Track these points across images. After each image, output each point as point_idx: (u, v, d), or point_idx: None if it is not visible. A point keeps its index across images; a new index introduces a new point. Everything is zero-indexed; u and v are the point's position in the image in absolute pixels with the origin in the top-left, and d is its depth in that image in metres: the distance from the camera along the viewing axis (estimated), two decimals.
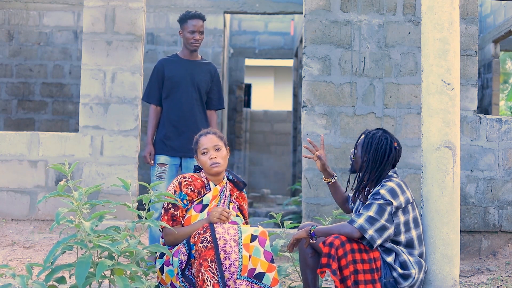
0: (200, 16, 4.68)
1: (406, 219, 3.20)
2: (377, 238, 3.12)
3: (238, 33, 12.49)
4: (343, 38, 5.42)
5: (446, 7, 3.39)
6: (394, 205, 3.14)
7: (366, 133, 3.38)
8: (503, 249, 5.36)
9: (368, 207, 3.16)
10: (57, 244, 2.85)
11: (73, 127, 9.39)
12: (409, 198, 3.21)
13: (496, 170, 5.38)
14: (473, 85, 5.41)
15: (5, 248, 5.05)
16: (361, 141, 3.38)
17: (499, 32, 9.31)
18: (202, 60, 4.81)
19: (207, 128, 3.62)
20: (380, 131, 3.36)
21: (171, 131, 4.61)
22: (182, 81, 4.64)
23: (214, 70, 4.81)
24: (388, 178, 3.28)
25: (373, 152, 3.29)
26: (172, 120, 4.63)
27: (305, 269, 3.41)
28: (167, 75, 4.66)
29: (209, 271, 3.03)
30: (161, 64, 4.72)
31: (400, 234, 3.20)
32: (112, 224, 4.51)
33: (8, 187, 5.73)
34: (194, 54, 4.74)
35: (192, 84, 4.66)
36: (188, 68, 4.68)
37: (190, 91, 4.65)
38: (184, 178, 3.40)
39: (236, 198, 3.53)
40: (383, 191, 3.17)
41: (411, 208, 3.23)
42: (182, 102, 4.63)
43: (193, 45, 4.66)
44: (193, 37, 4.64)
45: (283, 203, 10.51)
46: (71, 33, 9.50)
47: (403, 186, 3.22)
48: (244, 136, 13.75)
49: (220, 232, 3.12)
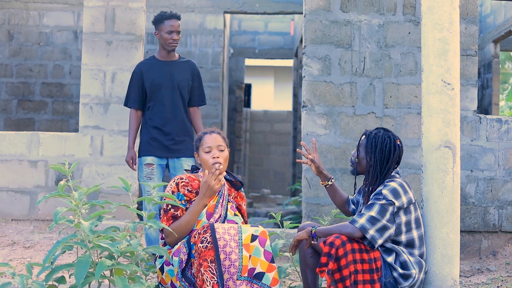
0: (176, 16, 4.61)
1: (408, 219, 3.20)
2: (378, 238, 3.11)
3: (238, 33, 12.49)
4: (343, 38, 5.42)
5: (446, 7, 3.39)
6: (396, 205, 3.14)
7: (367, 134, 3.37)
8: (503, 249, 5.36)
9: (370, 207, 3.16)
10: (56, 243, 2.85)
11: (73, 127, 9.40)
12: (412, 199, 3.21)
13: (496, 170, 5.38)
14: (473, 85, 5.41)
15: (5, 248, 5.05)
16: (363, 142, 3.36)
17: (499, 32, 9.31)
18: (181, 59, 4.72)
19: (212, 127, 3.61)
20: (381, 131, 3.35)
21: (156, 133, 4.55)
22: (162, 84, 4.57)
23: (194, 66, 4.73)
24: (391, 178, 3.27)
25: (379, 152, 3.28)
26: (156, 123, 4.56)
27: (305, 269, 3.41)
28: (146, 79, 4.59)
29: (209, 272, 3.03)
30: (139, 69, 4.64)
31: (401, 234, 3.20)
32: (111, 224, 4.51)
33: (8, 187, 5.73)
34: (172, 54, 4.66)
35: (172, 85, 4.59)
36: (167, 70, 4.61)
37: (172, 93, 4.58)
38: (181, 179, 3.39)
39: (234, 197, 3.53)
40: (385, 191, 3.17)
41: (413, 208, 3.22)
42: (165, 104, 4.56)
43: (171, 45, 4.60)
44: (171, 37, 4.57)
45: (283, 203, 10.51)
46: (71, 33, 9.51)
47: (405, 187, 3.21)
48: (244, 136, 13.76)
49: (220, 232, 3.12)
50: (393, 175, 3.30)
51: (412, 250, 3.23)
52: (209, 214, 3.36)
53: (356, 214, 3.24)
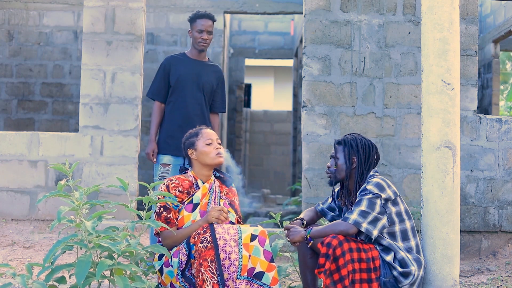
0: (209, 16, 4.65)
1: (398, 210, 3.25)
2: (373, 229, 3.16)
3: (238, 33, 12.49)
4: (343, 38, 5.42)
5: (446, 7, 3.39)
6: (382, 197, 3.20)
7: (341, 141, 3.42)
8: (503, 249, 5.36)
9: (359, 203, 3.21)
10: (57, 243, 2.85)
11: (73, 127, 9.40)
12: (396, 191, 3.28)
13: (496, 170, 5.38)
14: (473, 85, 5.42)
15: (5, 248, 5.05)
16: (340, 149, 3.40)
17: (499, 32, 9.31)
18: (209, 62, 4.78)
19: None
20: (349, 135, 3.44)
21: (175, 130, 4.57)
22: (188, 81, 4.61)
23: (220, 72, 4.80)
24: (372, 176, 3.33)
25: (361, 150, 3.37)
26: (176, 119, 4.60)
27: (304, 269, 3.42)
28: (173, 73, 4.63)
29: (209, 271, 3.04)
30: (168, 62, 4.68)
31: (395, 224, 3.24)
32: (111, 224, 4.51)
33: (8, 187, 5.73)
34: (202, 54, 4.71)
35: (197, 84, 4.63)
36: (194, 68, 4.65)
37: (196, 91, 4.62)
38: (171, 181, 3.39)
39: (226, 194, 3.53)
40: (369, 186, 3.23)
41: (400, 200, 3.29)
42: (187, 101, 4.60)
43: (201, 45, 4.64)
44: (201, 37, 4.61)
45: (283, 203, 10.51)
46: (71, 33, 9.50)
47: (387, 181, 3.29)
48: (244, 136, 13.75)
49: (220, 232, 3.12)
50: (372, 174, 3.35)
51: (408, 243, 3.24)
52: (203, 212, 3.36)
53: (346, 212, 3.27)
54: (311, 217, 3.61)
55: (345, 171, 3.38)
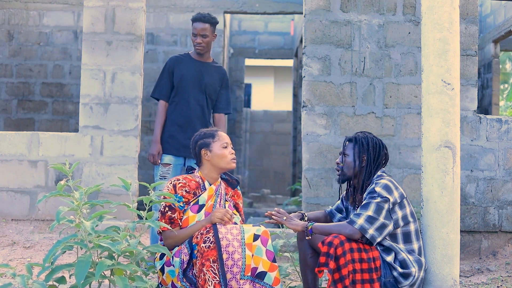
0: (204, 19, 4.57)
1: (404, 213, 3.23)
2: (378, 236, 3.14)
3: (238, 33, 12.49)
4: (343, 38, 5.42)
5: (446, 7, 3.39)
6: (391, 201, 3.18)
7: (352, 138, 3.40)
8: (503, 249, 5.36)
9: (366, 206, 3.17)
10: (57, 243, 2.85)
11: (73, 127, 9.39)
12: (403, 193, 3.26)
13: (496, 170, 5.38)
14: (473, 85, 5.41)
15: (5, 248, 5.05)
16: (350, 146, 3.38)
17: (499, 32, 9.31)
18: (213, 63, 4.76)
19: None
20: (361, 133, 3.42)
21: (176, 130, 4.57)
22: (190, 82, 4.60)
23: (224, 74, 4.78)
24: (380, 176, 3.30)
25: (371, 149, 3.34)
26: (177, 119, 4.59)
27: (305, 269, 3.42)
28: (176, 73, 4.63)
29: (211, 271, 3.03)
30: (172, 62, 4.69)
31: (398, 228, 3.22)
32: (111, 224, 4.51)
33: (8, 187, 5.73)
34: (206, 56, 4.69)
35: (199, 85, 4.62)
36: (197, 69, 4.64)
37: (197, 92, 4.62)
38: (178, 180, 3.38)
39: (232, 196, 3.53)
40: (378, 188, 3.20)
41: (406, 202, 3.27)
42: (189, 102, 4.59)
43: (196, 48, 4.63)
44: (195, 40, 4.60)
45: (283, 203, 10.51)
46: (71, 33, 9.50)
47: (394, 182, 3.27)
48: (244, 136, 13.75)
49: (223, 232, 3.12)
50: (380, 174, 3.33)
51: (410, 245, 3.24)
52: (208, 214, 3.36)
53: (353, 214, 3.25)
54: (315, 215, 3.59)
55: (353, 168, 3.36)
